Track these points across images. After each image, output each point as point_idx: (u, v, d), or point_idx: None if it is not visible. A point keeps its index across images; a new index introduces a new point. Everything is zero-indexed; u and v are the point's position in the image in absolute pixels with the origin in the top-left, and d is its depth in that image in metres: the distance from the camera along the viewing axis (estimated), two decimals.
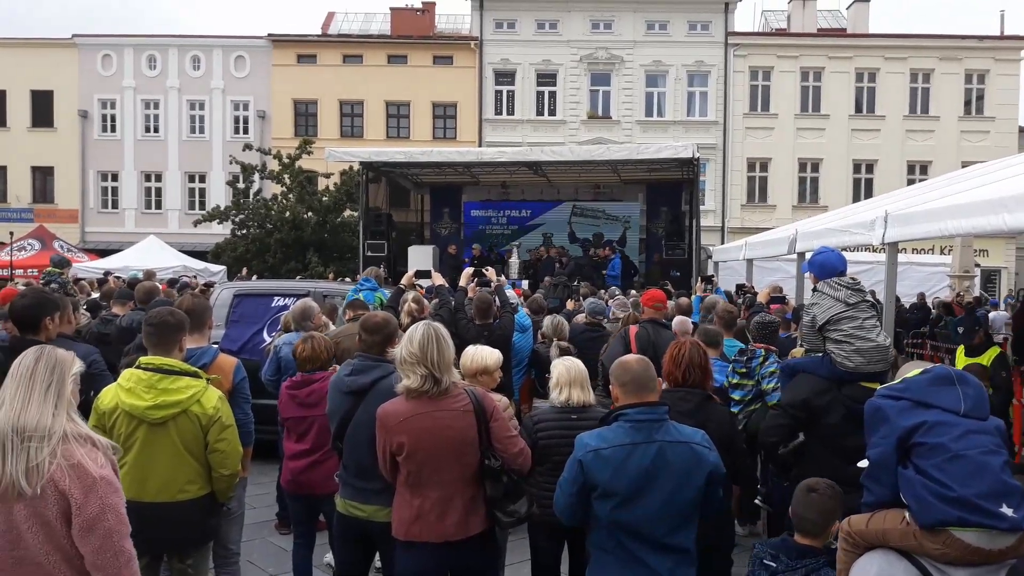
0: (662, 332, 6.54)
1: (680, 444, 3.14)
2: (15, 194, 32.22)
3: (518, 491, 3.59)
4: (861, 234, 7.52)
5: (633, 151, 16.43)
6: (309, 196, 23.79)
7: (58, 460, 2.41)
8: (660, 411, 3.19)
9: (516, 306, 7.43)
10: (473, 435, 3.49)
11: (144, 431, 3.56)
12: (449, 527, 3.47)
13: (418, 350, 3.46)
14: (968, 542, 2.48)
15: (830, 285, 4.17)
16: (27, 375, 2.48)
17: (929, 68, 30.59)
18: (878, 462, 2.78)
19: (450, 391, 3.52)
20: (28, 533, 2.41)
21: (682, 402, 3.87)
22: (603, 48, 30.91)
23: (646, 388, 3.22)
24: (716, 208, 30.44)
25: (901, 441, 2.68)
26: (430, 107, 31.61)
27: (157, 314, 3.86)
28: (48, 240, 23.22)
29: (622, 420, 3.16)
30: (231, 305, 8.95)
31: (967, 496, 2.45)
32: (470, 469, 3.51)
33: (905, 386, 2.76)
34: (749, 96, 30.95)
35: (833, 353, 4.03)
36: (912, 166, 30.39)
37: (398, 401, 3.53)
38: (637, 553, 3.10)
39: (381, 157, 17.26)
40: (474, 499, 3.53)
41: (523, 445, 3.68)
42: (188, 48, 31.95)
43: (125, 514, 2.52)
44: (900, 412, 2.70)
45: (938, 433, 2.58)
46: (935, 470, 2.55)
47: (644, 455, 3.08)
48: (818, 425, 3.99)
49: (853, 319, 4.02)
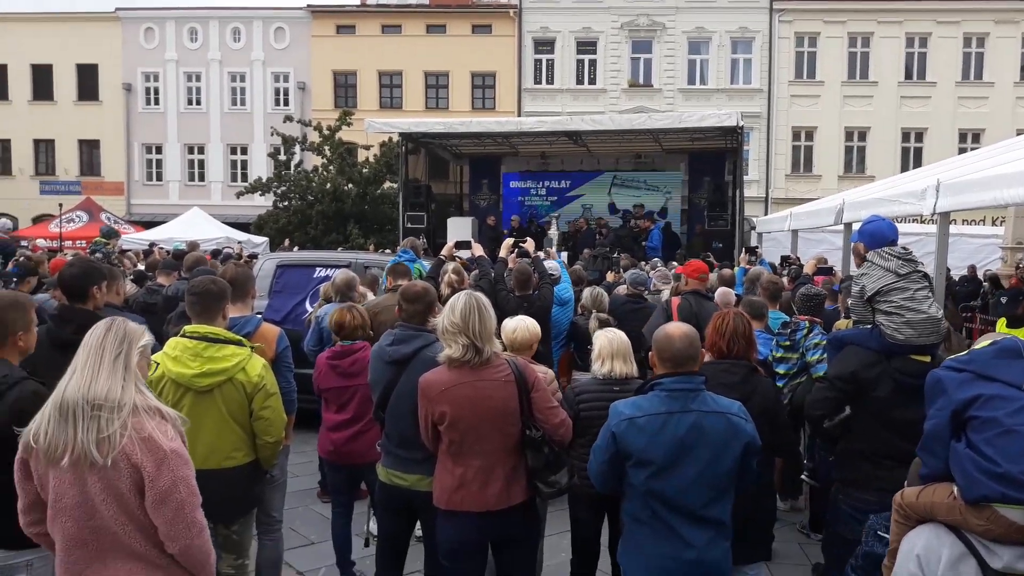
0: (704, 304, 6.52)
1: (716, 414, 3.12)
2: (63, 167, 32.89)
3: (559, 462, 3.60)
4: (911, 204, 7.31)
5: (675, 120, 16.15)
6: (349, 168, 23.88)
7: (129, 432, 2.45)
8: (697, 381, 3.16)
9: (557, 277, 7.38)
10: (514, 405, 3.50)
11: (190, 399, 3.61)
12: (491, 496, 3.48)
13: (460, 319, 3.46)
14: (1012, 519, 2.43)
15: (880, 255, 4.04)
16: (97, 346, 2.51)
17: (984, 32, 29.54)
18: (932, 434, 2.72)
19: (492, 361, 3.52)
20: (102, 505, 2.46)
21: (726, 374, 3.81)
22: (644, 14, 30.37)
23: (687, 362, 3.18)
24: (760, 178, 29.93)
25: (956, 414, 2.61)
26: (469, 77, 31.45)
27: (200, 283, 3.90)
28: (96, 212, 23.72)
29: (658, 389, 3.15)
30: (274, 276, 9.04)
31: (1014, 473, 2.39)
32: (512, 439, 3.52)
33: (970, 358, 2.68)
34: (795, 63, 30.24)
35: (883, 325, 3.91)
36: (964, 134, 29.52)
37: (440, 370, 3.53)
38: (672, 524, 3.09)
39: (420, 128, 17.21)
40: (515, 469, 3.54)
41: (564, 416, 3.67)
42: (229, 20, 32.13)
43: (196, 485, 2.57)
44: (959, 385, 2.63)
45: (993, 407, 2.51)
46: (985, 444, 2.49)
47: (679, 424, 3.06)
48: (867, 398, 3.89)
49: (904, 290, 3.90)
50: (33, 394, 2.94)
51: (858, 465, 3.93)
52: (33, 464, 2.52)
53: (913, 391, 3.86)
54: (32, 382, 3.07)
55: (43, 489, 2.53)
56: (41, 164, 33.25)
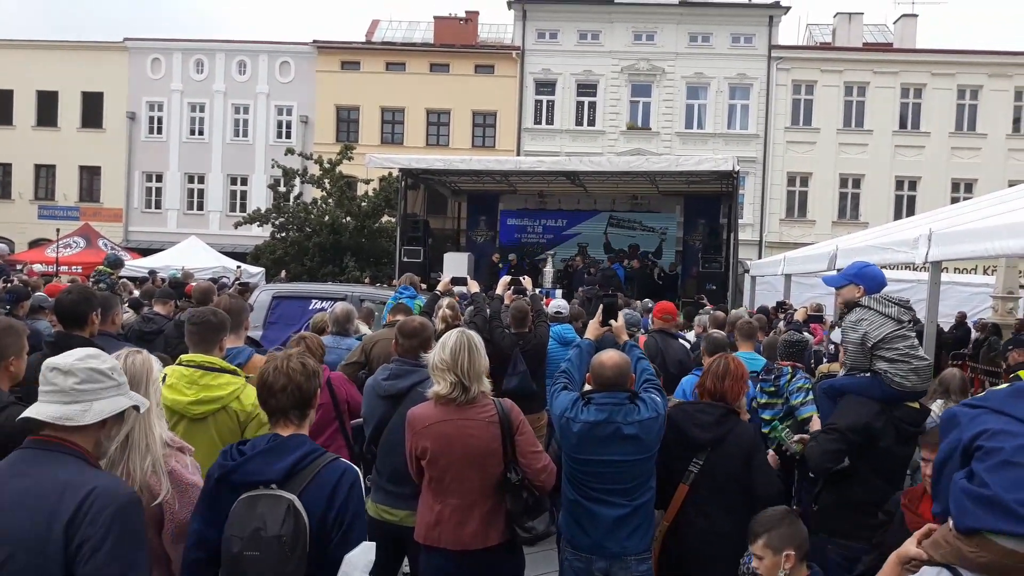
0: (670, 342, 6.99)
1: (635, 423, 3.62)
2: (62, 192, 33.02)
3: (539, 507, 3.53)
4: (904, 252, 7.40)
5: (672, 163, 16.35)
6: (348, 201, 24.03)
7: (156, 467, 2.43)
8: (621, 397, 3.66)
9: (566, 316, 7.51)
10: (496, 446, 3.47)
11: (184, 426, 3.62)
12: (467, 536, 3.46)
13: (449, 357, 3.46)
14: (1002, 545, 2.42)
15: (880, 302, 4.02)
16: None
17: (977, 84, 30.04)
18: (938, 469, 2.70)
19: (478, 400, 3.50)
20: None
21: (701, 414, 3.86)
22: (644, 59, 30.84)
23: (613, 387, 3.69)
24: (754, 222, 30.16)
25: (965, 449, 2.59)
26: (470, 115, 31.80)
27: (200, 313, 3.94)
28: (93, 238, 23.75)
29: (592, 404, 3.67)
30: (269, 307, 9.07)
31: (1005, 499, 2.37)
32: (491, 480, 3.49)
33: (986, 396, 2.66)
34: (791, 110, 30.65)
35: (888, 373, 3.89)
36: (957, 184, 29.84)
37: (427, 405, 3.54)
38: (595, 507, 3.64)
39: (420, 164, 17.38)
40: (494, 510, 3.50)
41: (547, 461, 3.61)
42: (235, 53, 32.53)
43: None
44: (971, 420, 2.59)
45: (999, 439, 2.49)
46: (984, 472, 2.47)
47: (604, 430, 3.60)
48: (873, 449, 3.89)
49: (906, 338, 3.91)
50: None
51: (846, 515, 3.91)
52: None
53: (910, 439, 3.91)
54: (21, 407, 3.07)
55: None
56: (41, 189, 33.38)
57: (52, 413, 2.14)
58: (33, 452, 2.16)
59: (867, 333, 3.97)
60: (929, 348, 6.36)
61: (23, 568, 1.99)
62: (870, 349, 3.96)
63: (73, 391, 2.16)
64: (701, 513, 3.73)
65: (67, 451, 2.14)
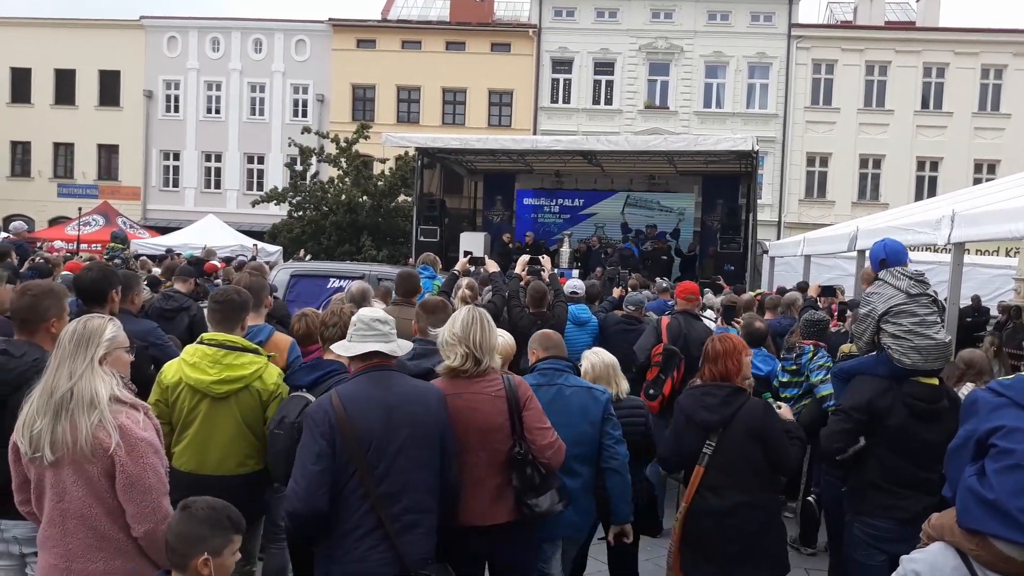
0: (693, 323, 6.75)
1: (575, 388, 4.00)
2: (81, 170, 33.21)
3: (545, 485, 3.47)
4: (926, 233, 7.32)
5: (691, 142, 16.24)
6: (365, 180, 24.03)
7: (103, 421, 2.60)
8: (563, 364, 4.09)
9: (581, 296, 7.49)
10: (503, 421, 3.44)
11: (207, 405, 3.65)
12: (474, 511, 3.43)
13: (460, 330, 3.47)
14: (1000, 549, 2.39)
15: (892, 274, 4.00)
16: (66, 342, 2.68)
17: (1002, 64, 29.55)
18: (951, 454, 2.67)
19: (486, 375, 3.50)
20: (73, 487, 2.62)
21: (707, 396, 3.86)
22: (663, 38, 30.52)
23: (555, 350, 4.16)
24: (773, 202, 29.92)
25: (979, 442, 2.55)
26: (486, 94, 31.63)
27: (223, 292, 3.96)
28: (112, 216, 23.91)
29: (536, 371, 4.07)
30: (287, 286, 9.09)
31: (1007, 505, 2.34)
32: (498, 456, 3.45)
33: (1012, 383, 2.59)
34: (811, 89, 30.28)
35: (890, 348, 3.89)
36: (979, 164, 29.46)
37: (437, 381, 3.55)
38: None
39: (436, 143, 17.35)
40: (501, 487, 3.45)
41: (555, 438, 3.54)
42: (251, 31, 32.48)
43: (164, 475, 2.73)
44: (991, 410, 2.53)
45: (1013, 439, 2.44)
46: (994, 474, 2.44)
47: (545, 394, 3.85)
48: (881, 427, 3.87)
49: (913, 314, 3.87)
50: None
51: (872, 496, 3.91)
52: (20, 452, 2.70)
53: (926, 415, 3.86)
54: None
55: (27, 471, 2.71)
56: (60, 167, 33.57)
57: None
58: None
59: (875, 307, 3.96)
60: (951, 331, 6.29)
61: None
62: (877, 321, 3.94)
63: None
64: (716, 493, 3.74)
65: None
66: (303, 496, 3.01)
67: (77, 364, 2.63)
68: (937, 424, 3.80)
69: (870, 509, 3.91)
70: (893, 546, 3.73)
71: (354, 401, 3.15)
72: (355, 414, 3.11)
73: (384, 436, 3.12)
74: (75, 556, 2.63)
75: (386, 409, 3.15)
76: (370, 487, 3.06)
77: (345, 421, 3.08)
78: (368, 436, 3.10)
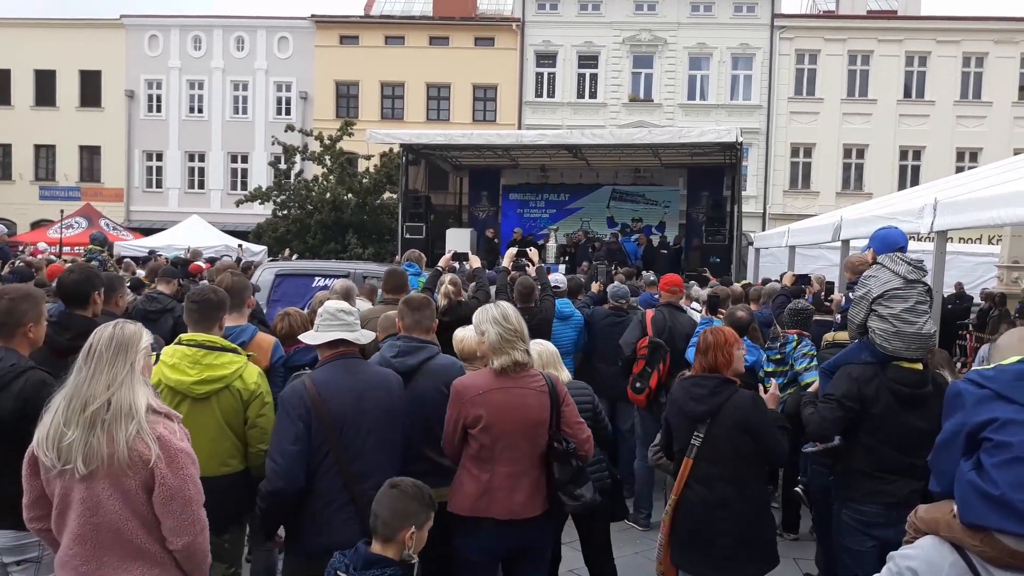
0: (678, 316, 6.80)
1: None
2: (63, 172, 32.92)
3: (583, 476, 3.64)
4: (909, 222, 7.32)
5: (675, 135, 16.24)
6: (349, 178, 23.94)
7: (141, 432, 2.50)
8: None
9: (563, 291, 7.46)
10: (546, 416, 3.54)
11: (187, 406, 3.60)
12: (517, 504, 3.50)
13: (517, 325, 3.55)
14: (1007, 544, 2.38)
15: (891, 258, 4.02)
16: (104, 349, 2.55)
17: (983, 52, 29.72)
18: (940, 448, 2.65)
19: (529, 369, 3.59)
20: (108, 501, 2.50)
21: (695, 388, 3.87)
22: (646, 30, 30.53)
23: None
24: (758, 194, 30.01)
25: (970, 435, 2.53)
26: (470, 89, 31.56)
27: (200, 291, 3.92)
28: (95, 218, 23.75)
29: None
30: (272, 285, 9.04)
31: (1014, 500, 2.34)
32: (539, 449, 3.56)
33: (994, 375, 2.57)
34: (794, 80, 30.38)
35: (874, 333, 3.91)
36: (962, 153, 29.62)
37: (477, 375, 3.62)
38: None
39: (421, 139, 17.28)
40: (539, 479, 3.57)
41: (589, 433, 3.72)
42: (233, 29, 32.27)
43: (201, 485, 2.65)
44: (977, 403, 2.50)
45: (1008, 432, 2.41)
46: (994, 469, 2.41)
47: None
48: (866, 416, 3.89)
49: (905, 299, 3.89)
50: (40, 383, 3.03)
51: (859, 483, 3.93)
52: (42, 465, 2.56)
53: (909, 400, 3.87)
54: (39, 371, 3.13)
55: (49, 486, 2.57)
56: (41, 169, 33.27)
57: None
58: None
59: (871, 289, 3.98)
60: (936, 320, 6.32)
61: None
62: (870, 303, 3.96)
63: None
64: (705, 485, 3.75)
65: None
66: (284, 475, 3.27)
67: (117, 372, 2.52)
68: (922, 409, 3.82)
69: (858, 496, 3.93)
70: (882, 531, 3.78)
71: (327, 386, 3.39)
72: (328, 398, 3.36)
73: (355, 419, 3.38)
74: (108, 572, 2.53)
75: (356, 394, 3.42)
76: (344, 465, 3.34)
77: (320, 404, 3.33)
78: (341, 419, 3.36)
